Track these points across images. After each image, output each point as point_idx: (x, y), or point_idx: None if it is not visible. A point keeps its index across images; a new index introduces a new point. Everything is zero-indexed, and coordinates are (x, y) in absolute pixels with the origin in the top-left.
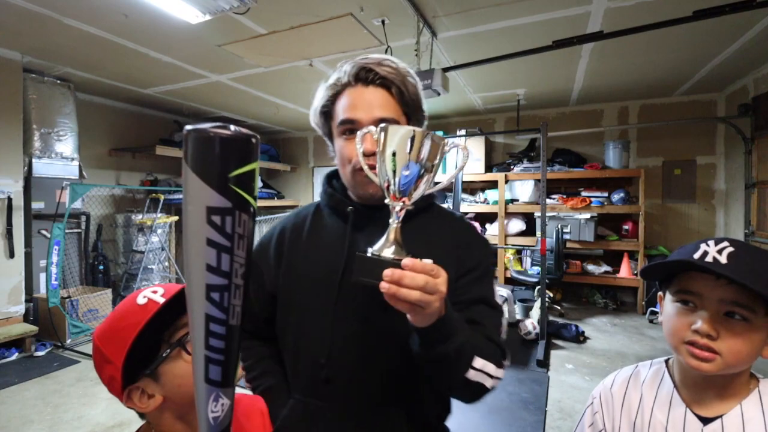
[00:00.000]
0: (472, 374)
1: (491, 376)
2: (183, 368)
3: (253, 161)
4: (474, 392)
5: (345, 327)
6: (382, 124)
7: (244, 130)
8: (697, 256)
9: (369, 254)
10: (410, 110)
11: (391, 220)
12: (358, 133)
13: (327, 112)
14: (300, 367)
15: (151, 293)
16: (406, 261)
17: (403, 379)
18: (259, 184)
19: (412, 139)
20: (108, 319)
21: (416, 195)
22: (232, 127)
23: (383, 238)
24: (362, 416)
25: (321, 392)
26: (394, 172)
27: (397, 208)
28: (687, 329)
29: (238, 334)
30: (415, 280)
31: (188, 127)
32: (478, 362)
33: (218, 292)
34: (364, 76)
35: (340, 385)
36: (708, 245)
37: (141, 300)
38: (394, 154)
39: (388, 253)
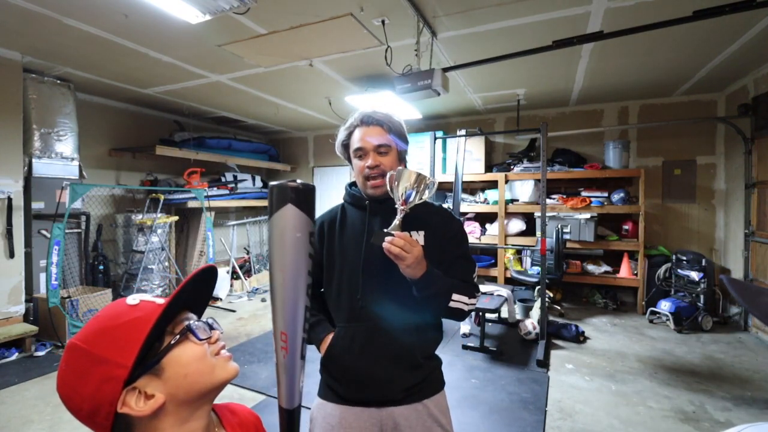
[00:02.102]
0: (452, 304)
1: (466, 304)
2: (190, 352)
3: (314, 201)
4: (457, 315)
5: (370, 275)
6: (398, 168)
7: (307, 183)
8: None
9: (381, 231)
10: (397, 135)
11: (396, 217)
12: (388, 173)
13: (346, 145)
14: (342, 303)
15: (140, 297)
16: (395, 233)
17: (409, 307)
18: (258, 184)
19: (410, 177)
20: (92, 323)
21: (410, 203)
22: (299, 181)
23: (392, 224)
24: (387, 330)
25: (358, 317)
26: (402, 192)
27: (400, 211)
28: None
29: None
30: (396, 242)
31: (293, 184)
32: (455, 296)
33: (309, 289)
34: (366, 120)
35: (371, 310)
36: None
37: (131, 301)
38: (401, 183)
39: (392, 231)
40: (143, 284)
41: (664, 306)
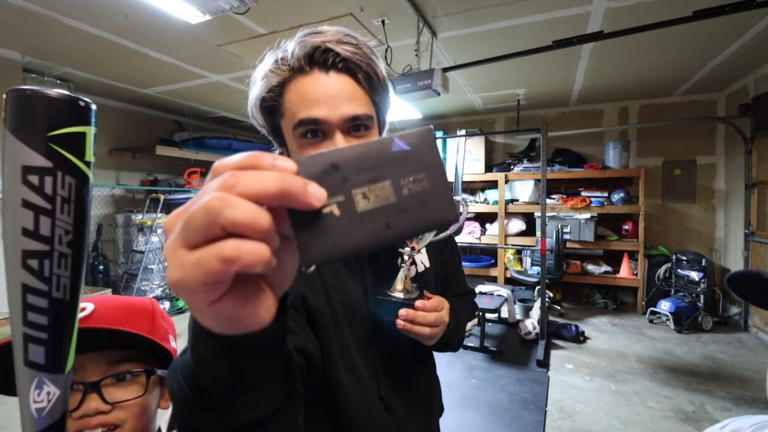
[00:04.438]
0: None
1: (473, 325)
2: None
3: (81, 124)
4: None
5: (385, 356)
6: None
7: (72, 94)
8: None
9: (386, 297)
10: (380, 100)
11: (403, 267)
12: None
13: (273, 107)
14: (355, 409)
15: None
16: (418, 303)
17: (427, 394)
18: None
19: None
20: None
21: (424, 241)
22: (58, 90)
23: (397, 282)
24: (413, 417)
25: (382, 423)
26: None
27: (406, 256)
28: None
29: (71, 310)
30: (427, 318)
31: (9, 88)
32: (468, 327)
33: (36, 258)
34: (322, 58)
35: (398, 413)
36: None
37: None
38: None
39: (401, 295)
40: (143, 284)
41: (664, 306)
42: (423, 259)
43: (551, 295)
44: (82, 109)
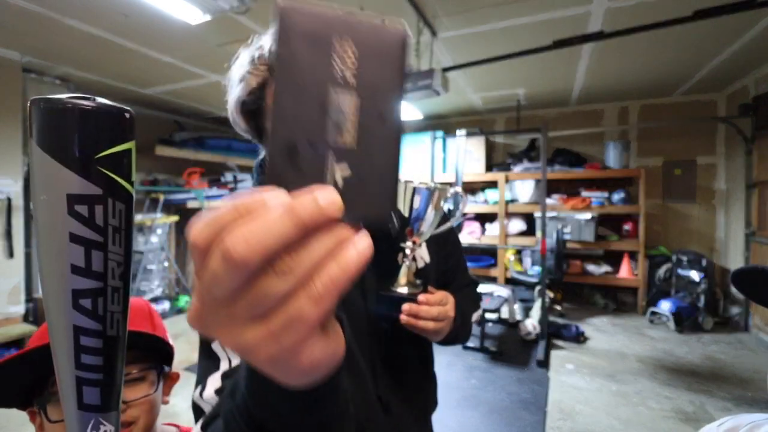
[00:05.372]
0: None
1: (479, 316)
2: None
3: (127, 140)
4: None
5: (382, 357)
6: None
7: (115, 104)
8: None
9: (390, 292)
10: None
11: (405, 261)
12: None
13: (256, 110)
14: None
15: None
16: (422, 297)
17: (426, 393)
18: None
19: (408, 192)
20: None
21: (424, 234)
22: (99, 99)
23: (400, 276)
24: (411, 426)
25: (380, 423)
26: (409, 216)
27: (408, 250)
28: None
29: (122, 346)
30: (430, 312)
31: (36, 97)
32: (474, 317)
33: (89, 298)
34: None
35: (395, 413)
36: None
37: None
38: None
39: (404, 290)
40: (143, 284)
41: (665, 306)
42: (423, 255)
43: (551, 295)
44: (128, 123)
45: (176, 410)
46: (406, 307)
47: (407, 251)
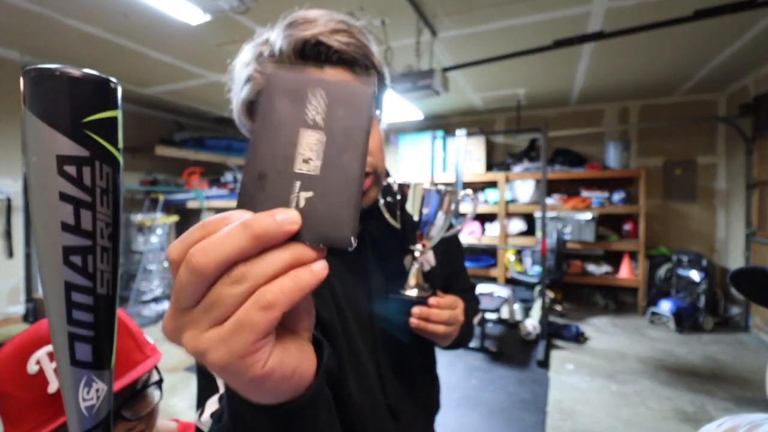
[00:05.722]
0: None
1: (477, 321)
2: None
3: (112, 108)
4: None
5: (390, 360)
6: (398, 182)
7: (100, 74)
8: None
9: (399, 296)
10: (379, 86)
11: (415, 265)
12: (395, 185)
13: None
14: (361, 411)
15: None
16: (432, 300)
17: (430, 394)
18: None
19: (418, 194)
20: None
21: (433, 237)
22: (85, 70)
23: (411, 278)
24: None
25: (389, 430)
26: (418, 218)
27: (417, 253)
28: None
29: (113, 305)
30: (441, 316)
31: (28, 68)
32: (475, 320)
33: (80, 254)
34: (313, 52)
35: (404, 416)
36: None
37: (30, 368)
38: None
39: (414, 293)
40: (142, 285)
41: (665, 306)
42: (430, 259)
43: (551, 295)
44: (113, 91)
45: (176, 410)
46: (416, 310)
47: (417, 254)
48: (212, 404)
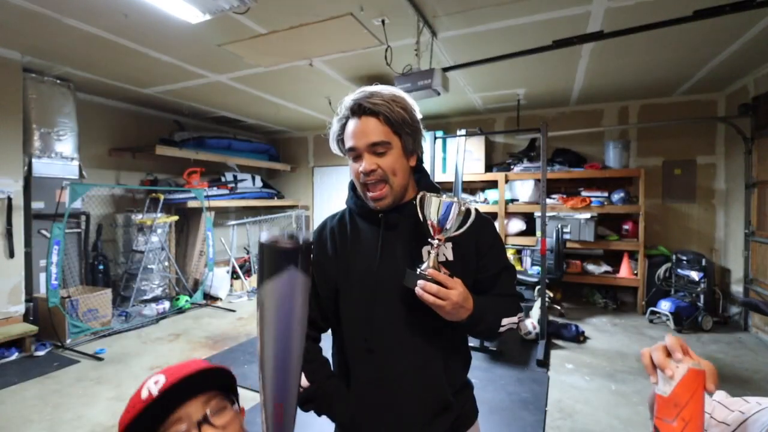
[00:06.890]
0: (502, 329)
1: (513, 323)
2: None
3: None
4: (503, 335)
5: (385, 308)
6: (421, 194)
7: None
8: None
9: (414, 270)
10: (398, 128)
11: (431, 252)
12: (418, 197)
13: (341, 140)
14: (348, 342)
15: (153, 384)
16: (429, 270)
17: (434, 335)
18: (258, 184)
19: (436, 206)
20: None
21: (449, 233)
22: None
23: (425, 260)
24: (399, 378)
25: (365, 360)
26: (435, 219)
27: (435, 244)
28: None
29: None
30: (430, 290)
31: (291, 244)
32: (504, 321)
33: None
34: (358, 109)
35: (380, 354)
36: None
37: (144, 393)
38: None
39: (425, 271)
40: (143, 284)
41: (664, 306)
42: (447, 253)
43: (551, 295)
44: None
45: None
46: (420, 283)
47: (434, 244)
48: None
